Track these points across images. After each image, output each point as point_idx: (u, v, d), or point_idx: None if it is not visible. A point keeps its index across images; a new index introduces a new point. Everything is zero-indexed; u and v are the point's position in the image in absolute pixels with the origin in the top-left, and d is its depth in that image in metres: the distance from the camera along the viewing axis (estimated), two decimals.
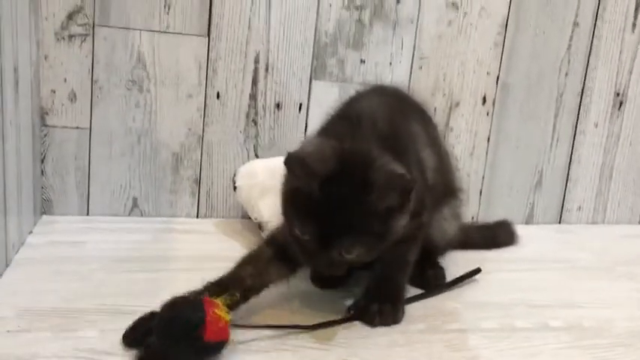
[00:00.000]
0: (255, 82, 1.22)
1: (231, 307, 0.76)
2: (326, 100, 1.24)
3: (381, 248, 0.77)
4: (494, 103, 1.34)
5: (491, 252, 1.20)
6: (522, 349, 0.81)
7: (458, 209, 1.04)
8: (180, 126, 1.20)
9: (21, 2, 0.98)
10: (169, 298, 0.72)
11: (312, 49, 1.23)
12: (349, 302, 0.89)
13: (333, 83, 1.25)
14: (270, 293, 0.84)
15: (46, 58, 1.12)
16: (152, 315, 0.73)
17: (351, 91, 1.22)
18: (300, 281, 0.91)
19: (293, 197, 0.77)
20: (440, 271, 1.01)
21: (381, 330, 0.83)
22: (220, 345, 0.72)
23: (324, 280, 0.95)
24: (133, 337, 0.72)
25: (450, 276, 1.01)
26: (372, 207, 0.73)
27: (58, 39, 1.12)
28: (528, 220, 1.42)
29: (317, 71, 1.24)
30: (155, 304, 0.73)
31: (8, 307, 0.79)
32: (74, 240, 1.06)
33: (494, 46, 1.31)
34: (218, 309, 0.72)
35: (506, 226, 1.25)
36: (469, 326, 0.86)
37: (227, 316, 0.72)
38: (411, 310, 0.89)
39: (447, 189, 1.00)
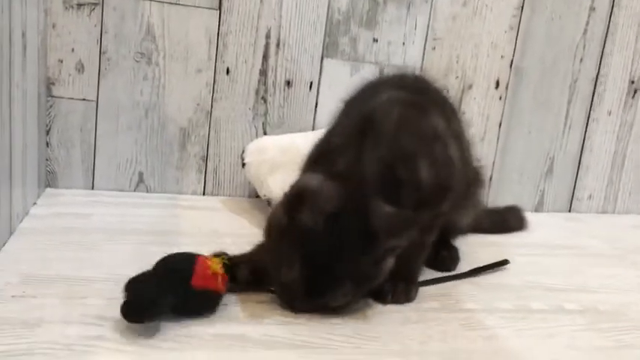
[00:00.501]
0: (265, 58, 1.19)
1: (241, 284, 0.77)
2: (337, 78, 1.23)
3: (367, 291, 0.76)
4: (507, 88, 1.32)
5: (502, 236, 1.18)
6: (540, 330, 0.79)
7: (478, 197, 1.02)
8: (189, 101, 1.18)
9: None
10: None
11: (324, 27, 1.21)
12: None
13: (344, 62, 1.23)
14: None
15: (54, 26, 1.10)
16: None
17: (363, 70, 1.22)
18: None
19: (289, 233, 0.72)
20: (454, 252, 0.99)
21: (394, 307, 0.81)
22: (210, 294, 0.72)
23: None
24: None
25: (464, 259, 0.99)
26: (372, 254, 0.71)
27: (66, 7, 1.10)
28: (538, 208, 1.40)
29: (329, 49, 1.22)
30: None
31: (12, 274, 0.76)
32: (79, 212, 1.03)
33: (509, 29, 1.29)
34: (210, 262, 0.72)
35: (515, 211, 1.23)
36: (484, 306, 0.84)
37: (218, 268, 0.72)
38: (424, 289, 0.87)
39: (469, 180, 0.96)
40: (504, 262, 0.99)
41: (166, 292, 0.68)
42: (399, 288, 0.84)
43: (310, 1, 1.19)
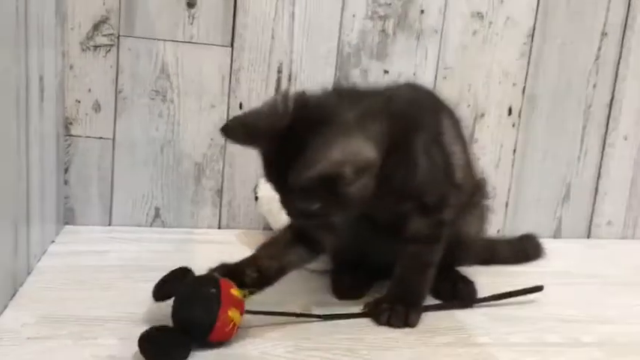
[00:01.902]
0: (278, 92, 1.21)
1: (251, 288, 0.80)
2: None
3: (346, 208, 0.77)
4: (520, 115, 1.32)
5: (519, 266, 1.17)
6: None
7: (484, 211, 1.02)
8: (203, 136, 1.20)
9: (48, 14, 0.99)
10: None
11: (335, 60, 1.22)
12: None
13: None
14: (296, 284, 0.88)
15: (71, 67, 1.13)
16: (182, 271, 0.80)
17: None
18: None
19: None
20: (471, 285, 0.98)
21: (407, 340, 0.81)
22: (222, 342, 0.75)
23: (344, 291, 0.93)
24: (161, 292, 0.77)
25: (482, 291, 0.98)
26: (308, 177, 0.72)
27: (83, 49, 1.13)
28: (556, 234, 1.38)
29: (340, 82, 1.23)
30: None
31: (29, 314, 0.78)
32: (96, 249, 1.05)
33: (520, 57, 1.29)
34: (231, 309, 0.74)
35: (532, 239, 1.22)
36: (498, 340, 0.84)
37: (237, 318, 0.74)
38: (437, 321, 0.87)
39: (475, 190, 0.98)
40: (538, 289, 0.97)
41: (184, 348, 0.71)
42: (398, 311, 0.84)
43: (320, 35, 1.21)
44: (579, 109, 1.34)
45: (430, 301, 0.92)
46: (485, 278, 1.02)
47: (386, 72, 1.25)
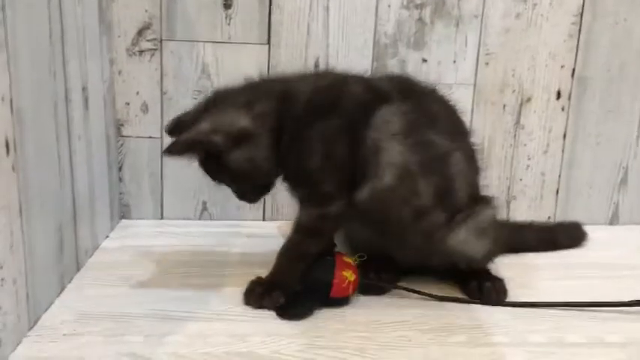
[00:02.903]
0: None
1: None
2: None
3: (245, 178, 0.89)
4: (569, 98, 1.26)
5: (562, 256, 1.14)
6: None
7: (485, 224, 0.93)
8: None
9: (91, 26, 1.05)
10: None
11: (372, 51, 1.22)
12: None
13: None
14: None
15: (119, 73, 1.20)
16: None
17: None
18: None
19: None
20: (498, 283, 0.94)
21: (420, 340, 0.82)
22: (342, 300, 0.90)
23: (368, 287, 0.95)
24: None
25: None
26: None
27: (129, 55, 1.20)
28: (613, 221, 1.33)
29: (378, 72, 1.23)
30: (200, 310, 0.87)
31: (70, 311, 0.86)
32: (144, 244, 1.13)
33: (568, 38, 1.23)
34: (345, 270, 0.89)
35: (567, 227, 1.18)
36: (514, 339, 0.83)
37: (351, 277, 0.89)
38: (456, 319, 0.87)
39: (470, 197, 0.93)
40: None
41: (312, 301, 0.88)
42: (255, 292, 0.89)
43: (356, 27, 1.21)
44: (636, 90, 1.27)
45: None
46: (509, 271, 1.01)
47: (424, 60, 1.23)
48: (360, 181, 0.86)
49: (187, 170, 1.23)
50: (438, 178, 0.87)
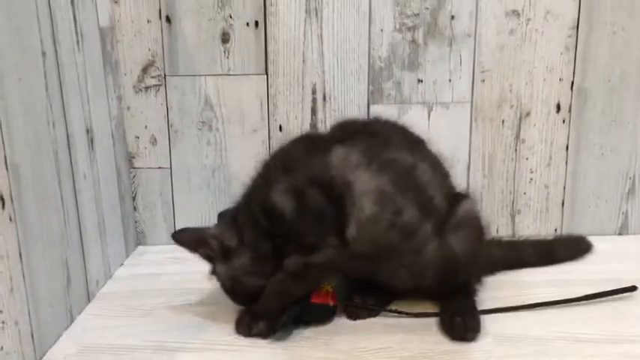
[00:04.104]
0: (314, 112, 1.27)
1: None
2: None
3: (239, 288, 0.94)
4: (570, 110, 1.26)
5: (564, 271, 1.14)
6: None
7: (459, 218, 0.94)
8: (249, 159, 1.28)
9: (96, 69, 1.12)
10: None
11: (367, 75, 1.25)
12: None
13: (391, 105, 1.26)
14: None
15: (128, 109, 1.27)
16: None
17: (411, 110, 1.26)
18: None
19: None
20: (469, 318, 0.93)
21: None
22: (325, 309, 0.95)
23: (356, 312, 0.99)
24: None
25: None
26: None
27: (136, 91, 1.27)
28: (622, 231, 1.31)
29: (374, 95, 1.26)
30: (194, 340, 0.93)
31: (75, 344, 0.93)
32: (153, 272, 1.20)
33: (565, 51, 1.23)
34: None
35: (568, 240, 1.18)
36: None
37: (329, 287, 0.95)
38: (437, 345, 0.90)
39: (447, 200, 0.95)
40: (632, 289, 0.99)
41: (294, 307, 0.92)
42: (244, 321, 0.94)
43: (350, 53, 1.24)
44: (637, 99, 1.25)
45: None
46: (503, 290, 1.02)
47: (420, 81, 1.25)
48: (345, 222, 0.89)
49: (196, 197, 1.31)
50: (413, 192, 0.89)
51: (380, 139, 0.92)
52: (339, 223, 0.89)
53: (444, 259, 0.92)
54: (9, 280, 0.81)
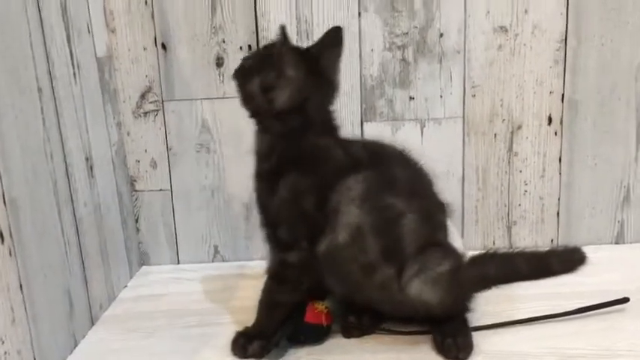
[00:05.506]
0: None
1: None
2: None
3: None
4: (561, 122, 1.27)
5: (558, 284, 1.13)
6: None
7: (436, 274, 0.92)
8: (247, 178, 1.31)
9: (91, 100, 1.15)
10: None
11: (359, 94, 1.28)
12: None
13: (384, 123, 1.29)
14: None
15: (128, 134, 1.31)
16: None
17: (404, 127, 1.29)
18: None
19: None
20: (460, 339, 0.94)
21: None
22: (318, 329, 0.98)
23: (350, 331, 1.02)
24: None
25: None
26: None
27: (135, 117, 1.30)
28: (618, 240, 1.32)
29: (367, 113, 1.28)
30: None
31: None
32: (157, 292, 1.23)
33: (554, 64, 1.24)
34: (316, 304, 0.98)
35: (562, 253, 1.17)
36: None
37: (323, 308, 0.98)
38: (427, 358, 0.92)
39: (421, 248, 0.94)
40: (624, 300, 1.01)
41: (288, 325, 0.96)
42: (238, 342, 0.97)
43: (341, 73, 1.26)
44: (629, 109, 1.26)
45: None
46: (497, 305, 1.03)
47: (412, 98, 1.27)
48: (320, 236, 0.93)
49: (197, 218, 1.34)
50: (385, 238, 0.91)
51: (388, 179, 0.94)
52: (315, 235, 0.93)
53: (418, 303, 0.92)
54: (10, 311, 0.85)
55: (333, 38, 1.01)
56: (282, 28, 0.92)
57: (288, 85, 0.93)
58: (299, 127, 0.95)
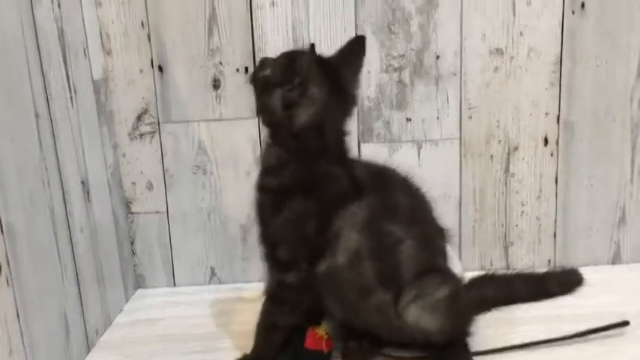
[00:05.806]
0: None
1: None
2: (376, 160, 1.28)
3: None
4: (557, 143, 1.28)
5: (556, 306, 1.14)
6: None
7: (434, 301, 0.92)
8: (243, 200, 1.30)
9: (87, 123, 1.15)
10: None
11: (356, 115, 1.28)
12: None
13: (381, 144, 1.29)
14: None
15: (124, 156, 1.30)
16: None
17: (401, 149, 1.28)
18: None
19: None
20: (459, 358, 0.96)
21: None
22: (319, 353, 0.96)
23: (350, 356, 1.01)
24: None
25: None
26: None
27: (131, 138, 1.29)
28: (615, 260, 1.33)
29: (364, 135, 1.29)
30: None
31: None
32: (153, 317, 1.22)
33: (550, 86, 1.25)
34: (317, 330, 0.98)
35: (558, 274, 1.19)
36: None
37: (323, 333, 0.97)
38: None
39: (418, 274, 0.93)
40: (624, 324, 1.01)
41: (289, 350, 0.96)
42: None
43: None
44: (625, 130, 1.26)
45: None
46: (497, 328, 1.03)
47: (408, 119, 1.28)
48: (321, 258, 0.92)
49: (193, 240, 1.33)
50: (382, 263, 0.91)
51: (389, 205, 0.94)
52: (315, 257, 0.92)
53: (415, 329, 0.92)
54: (7, 342, 0.84)
55: (356, 48, 0.99)
56: (312, 46, 0.90)
57: (311, 105, 0.91)
58: (314, 150, 0.93)
